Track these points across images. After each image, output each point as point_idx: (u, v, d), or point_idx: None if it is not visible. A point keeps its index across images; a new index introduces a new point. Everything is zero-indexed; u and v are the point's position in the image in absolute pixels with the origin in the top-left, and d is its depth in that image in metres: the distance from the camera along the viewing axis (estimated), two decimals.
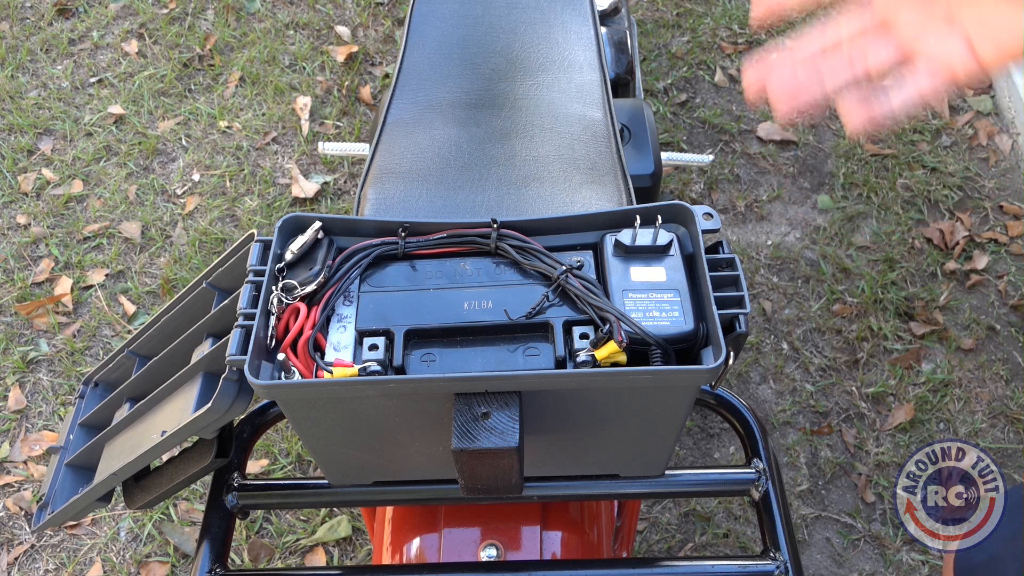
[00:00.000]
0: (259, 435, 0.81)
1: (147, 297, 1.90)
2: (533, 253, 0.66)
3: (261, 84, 2.28)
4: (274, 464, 1.66)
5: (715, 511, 1.60)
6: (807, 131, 2.19)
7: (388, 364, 0.60)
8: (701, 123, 2.21)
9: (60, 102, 2.25)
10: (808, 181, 2.10)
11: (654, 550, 1.56)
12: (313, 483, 0.75)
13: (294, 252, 0.63)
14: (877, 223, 2.00)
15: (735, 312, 0.62)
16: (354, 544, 1.57)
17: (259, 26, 2.42)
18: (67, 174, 2.10)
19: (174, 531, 1.58)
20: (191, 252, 1.95)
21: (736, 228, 2.01)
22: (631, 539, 1.00)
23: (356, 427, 0.62)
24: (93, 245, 1.98)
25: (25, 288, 1.90)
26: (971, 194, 2.07)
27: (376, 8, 2.48)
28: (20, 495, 1.64)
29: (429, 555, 0.77)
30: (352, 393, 0.58)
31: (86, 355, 1.81)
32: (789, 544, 0.69)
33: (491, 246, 0.67)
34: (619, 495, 0.84)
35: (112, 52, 2.37)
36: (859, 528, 1.58)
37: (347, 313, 0.63)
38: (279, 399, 0.60)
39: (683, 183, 2.09)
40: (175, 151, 2.16)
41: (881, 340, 1.81)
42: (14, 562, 1.57)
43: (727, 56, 2.36)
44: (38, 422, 1.73)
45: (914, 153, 2.13)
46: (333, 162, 2.13)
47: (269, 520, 1.59)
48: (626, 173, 0.92)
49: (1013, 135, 2.16)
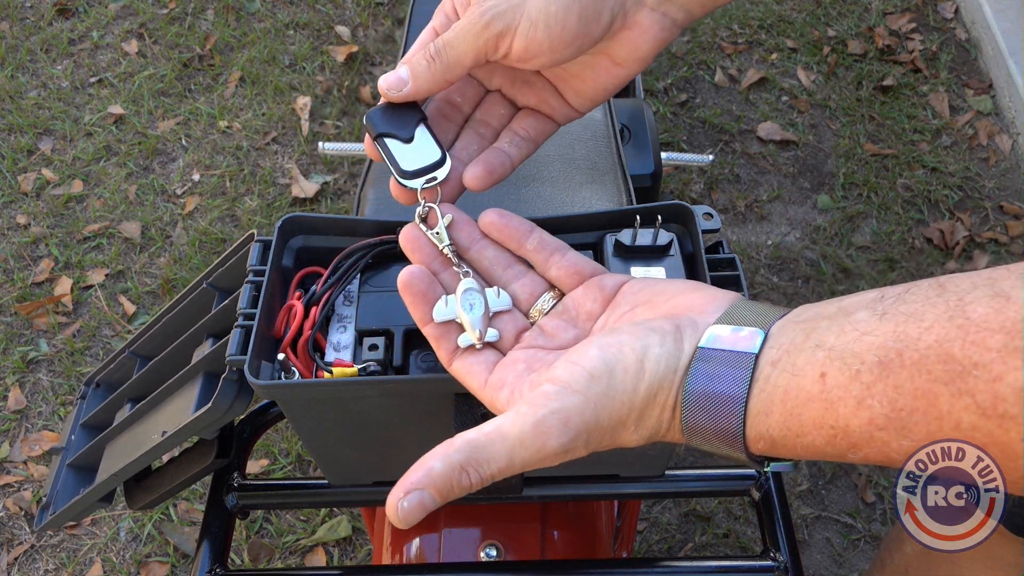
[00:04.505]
0: (259, 435, 0.81)
1: (147, 297, 1.90)
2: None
3: (261, 84, 2.28)
4: (274, 464, 1.66)
5: (715, 511, 1.60)
6: (807, 131, 2.19)
7: (388, 364, 0.60)
8: (701, 123, 2.21)
9: (60, 102, 2.26)
10: (808, 181, 2.10)
11: (654, 550, 1.56)
12: (313, 483, 0.75)
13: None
14: (877, 223, 2.00)
15: None
16: (354, 544, 1.57)
17: (259, 26, 2.43)
18: (67, 174, 2.11)
19: (174, 531, 1.58)
20: (191, 252, 1.95)
21: (736, 228, 2.01)
22: (631, 539, 1.00)
23: (356, 427, 0.63)
24: (93, 245, 1.98)
25: (25, 288, 1.90)
26: (971, 194, 2.07)
27: (376, 8, 2.48)
28: (20, 495, 1.64)
29: (429, 555, 0.77)
30: (352, 393, 0.58)
31: (86, 355, 1.82)
32: (789, 544, 0.69)
33: None
34: (619, 495, 0.84)
35: (112, 52, 2.37)
36: (859, 528, 1.58)
37: (347, 313, 0.63)
38: (279, 399, 0.60)
39: (683, 183, 2.09)
40: (175, 151, 2.16)
41: None
42: (14, 562, 1.57)
43: (727, 56, 2.36)
44: (38, 422, 1.73)
45: (914, 153, 2.13)
46: (333, 162, 2.13)
47: (269, 520, 1.60)
48: (626, 173, 0.92)
49: (1013, 135, 2.16)
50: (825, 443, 0.38)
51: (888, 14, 2.45)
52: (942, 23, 2.44)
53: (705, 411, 0.41)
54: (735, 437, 0.40)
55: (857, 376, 0.36)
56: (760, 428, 0.40)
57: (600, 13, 0.51)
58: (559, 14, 0.49)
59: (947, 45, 2.38)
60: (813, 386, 0.38)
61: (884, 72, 2.30)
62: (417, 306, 0.50)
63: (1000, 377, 0.32)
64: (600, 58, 0.54)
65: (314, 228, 0.66)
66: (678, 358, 0.43)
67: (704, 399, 0.41)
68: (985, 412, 0.33)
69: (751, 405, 0.40)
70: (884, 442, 0.36)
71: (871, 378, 0.36)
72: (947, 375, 0.34)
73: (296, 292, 0.63)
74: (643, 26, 0.53)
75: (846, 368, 0.37)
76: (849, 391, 0.36)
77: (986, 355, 0.33)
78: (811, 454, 0.39)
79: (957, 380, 0.33)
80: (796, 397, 0.38)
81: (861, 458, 0.37)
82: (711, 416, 0.41)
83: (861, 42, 2.37)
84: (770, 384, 0.39)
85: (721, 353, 0.41)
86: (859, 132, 2.18)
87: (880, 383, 0.36)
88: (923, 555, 0.96)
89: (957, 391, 0.33)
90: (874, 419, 0.36)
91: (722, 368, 0.41)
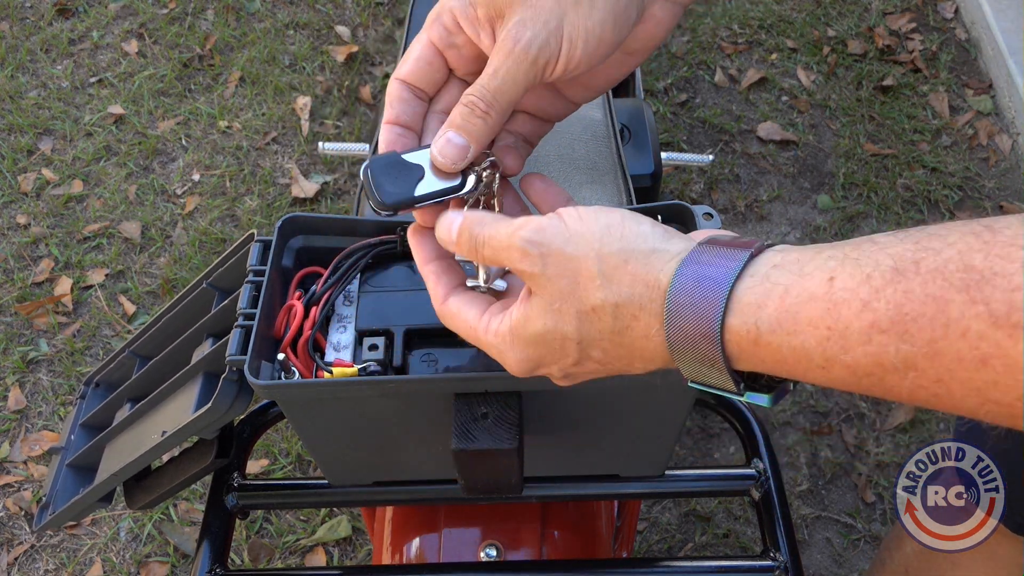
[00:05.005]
0: (259, 435, 0.81)
1: (147, 297, 1.90)
2: None
3: (261, 84, 2.28)
4: (274, 464, 1.66)
5: (715, 511, 1.60)
6: (807, 131, 2.19)
7: (388, 364, 0.60)
8: (701, 123, 2.21)
9: (60, 102, 2.25)
10: (808, 181, 2.10)
11: (654, 550, 1.56)
12: (313, 483, 0.75)
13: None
14: (877, 223, 2.00)
15: None
16: (354, 544, 1.57)
17: (259, 26, 2.43)
18: (67, 174, 2.11)
19: (174, 531, 1.58)
20: (191, 252, 1.95)
21: (736, 228, 2.01)
22: (631, 539, 1.00)
23: (356, 427, 0.63)
24: (93, 245, 1.98)
25: (25, 288, 1.90)
26: (971, 194, 2.07)
27: (376, 8, 2.48)
28: (20, 495, 1.64)
29: (429, 555, 0.77)
30: (352, 393, 0.58)
31: (86, 355, 1.81)
32: (789, 544, 0.69)
33: None
34: (619, 495, 0.84)
35: (112, 52, 2.37)
36: (859, 528, 1.58)
37: (347, 313, 0.63)
38: (279, 399, 0.60)
39: (683, 183, 2.09)
40: (175, 151, 2.16)
41: None
42: (14, 562, 1.57)
43: (727, 56, 2.36)
44: (38, 422, 1.73)
45: (914, 153, 2.13)
46: (333, 162, 2.13)
47: (269, 520, 1.59)
48: (626, 173, 0.92)
49: (1013, 135, 2.16)
50: (816, 344, 0.37)
51: (888, 14, 2.45)
52: (942, 23, 2.44)
53: (689, 294, 0.40)
54: (714, 322, 0.39)
55: (868, 279, 0.36)
56: (747, 319, 0.39)
57: (629, 17, 0.51)
58: (596, 29, 0.48)
59: (947, 45, 2.38)
60: (818, 287, 0.37)
61: (884, 72, 2.30)
62: (423, 247, 0.51)
63: (1020, 287, 0.32)
64: (615, 53, 0.53)
65: (314, 228, 0.66)
66: (666, 248, 0.42)
67: (692, 284, 0.40)
68: (997, 321, 0.33)
69: (742, 295, 0.39)
70: (881, 346, 0.35)
71: (882, 282, 0.36)
72: (963, 282, 0.33)
73: (296, 292, 0.64)
74: (657, 18, 0.53)
75: (858, 271, 0.36)
76: (856, 293, 0.36)
77: (1009, 266, 0.33)
78: (794, 359, 0.38)
79: (973, 288, 0.33)
80: (798, 296, 0.38)
81: (847, 364, 0.37)
82: (693, 302, 0.40)
83: (861, 42, 2.37)
84: (769, 281, 0.39)
85: (718, 247, 0.41)
86: (859, 132, 2.18)
87: (891, 287, 0.35)
88: (923, 555, 0.96)
89: (971, 299, 0.33)
90: (877, 321, 0.35)
91: (717, 259, 0.41)
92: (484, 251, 0.47)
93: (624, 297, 0.42)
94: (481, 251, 0.47)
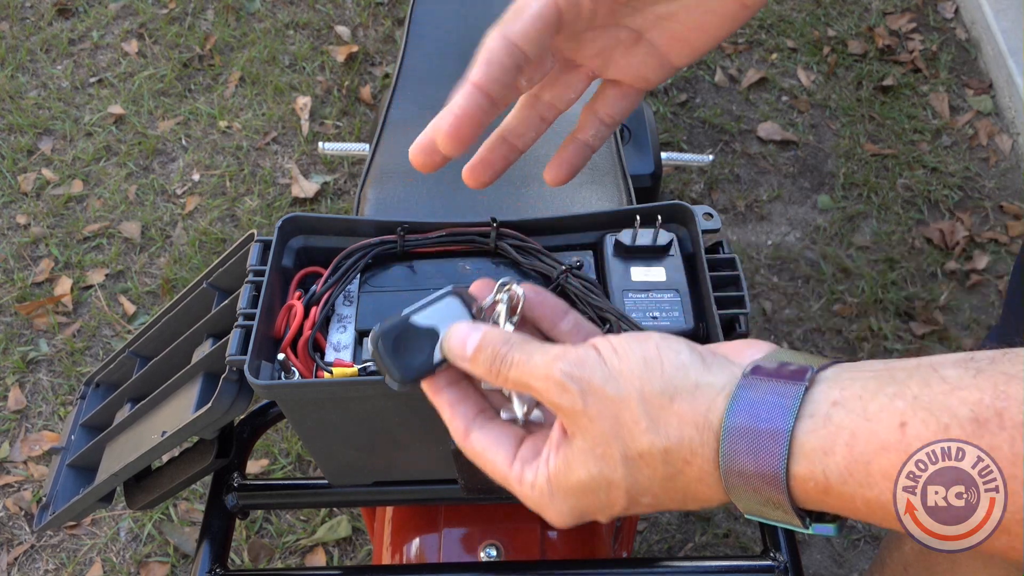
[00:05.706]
0: (259, 435, 0.81)
1: (147, 297, 1.90)
2: (533, 253, 0.66)
3: (261, 84, 2.28)
4: (274, 464, 1.66)
5: (715, 511, 1.60)
6: (807, 131, 2.19)
7: None
8: (701, 123, 2.21)
9: (60, 102, 2.26)
10: (808, 181, 2.10)
11: (654, 550, 1.56)
12: (313, 483, 0.75)
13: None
14: (877, 223, 2.00)
15: (735, 312, 0.62)
16: (354, 544, 1.57)
17: (259, 26, 2.43)
18: (67, 174, 2.11)
19: (174, 531, 1.58)
20: (191, 252, 1.95)
21: (736, 228, 2.01)
22: (631, 539, 1.00)
23: (356, 427, 0.63)
24: (93, 245, 1.98)
25: (25, 288, 1.90)
26: (971, 194, 2.07)
27: (376, 8, 2.48)
28: (20, 495, 1.64)
29: (429, 555, 0.77)
30: (352, 393, 0.58)
31: (86, 355, 1.82)
32: (789, 544, 0.69)
33: (490, 245, 0.67)
34: None
35: (112, 52, 2.37)
36: (859, 528, 1.58)
37: (347, 313, 0.63)
38: (279, 399, 0.60)
39: (683, 183, 2.09)
40: (175, 151, 2.16)
41: (881, 340, 1.81)
42: (14, 562, 1.57)
43: (727, 56, 2.36)
44: (38, 422, 1.73)
45: (914, 153, 2.13)
46: (333, 162, 2.13)
47: (269, 520, 1.60)
48: (626, 173, 0.92)
49: (1013, 135, 2.16)
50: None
51: (888, 14, 2.45)
52: (942, 23, 2.44)
53: (746, 439, 0.37)
54: (778, 470, 0.36)
55: (946, 430, 0.33)
56: (814, 466, 0.36)
57: None
58: None
59: (947, 45, 2.38)
60: (890, 434, 0.34)
61: (884, 72, 2.30)
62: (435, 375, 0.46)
63: None
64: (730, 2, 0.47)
65: (314, 228, 0.66)
66: (709, 381, 0.39)
67: (747, 427, 0.37)
68: None
69: (805, 439, 0.36)
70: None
71: (962, 434, 0.33)
72: None
73: (296, 292, 0.64)
74: None
75: (933, 420, 0.33)
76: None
77: None
78: (868, 510, 0.35)
79: None
80: (867, 443, 0.35)
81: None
82: (752, 446, 0.36)
83: (861, 42, 2.37)
84: (832, 423, 0.36)
85: (768, 380, 0.38)
86: (859, 132, 2.18)
87: (973, 442, 0.32)
88: (922, 554, 0.96)
89: None
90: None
91: (769, 395, 0.37)
92: (510, 374, 0.42)
93: (674, 441, 0.38)
94: (505, 373, 0.42)
